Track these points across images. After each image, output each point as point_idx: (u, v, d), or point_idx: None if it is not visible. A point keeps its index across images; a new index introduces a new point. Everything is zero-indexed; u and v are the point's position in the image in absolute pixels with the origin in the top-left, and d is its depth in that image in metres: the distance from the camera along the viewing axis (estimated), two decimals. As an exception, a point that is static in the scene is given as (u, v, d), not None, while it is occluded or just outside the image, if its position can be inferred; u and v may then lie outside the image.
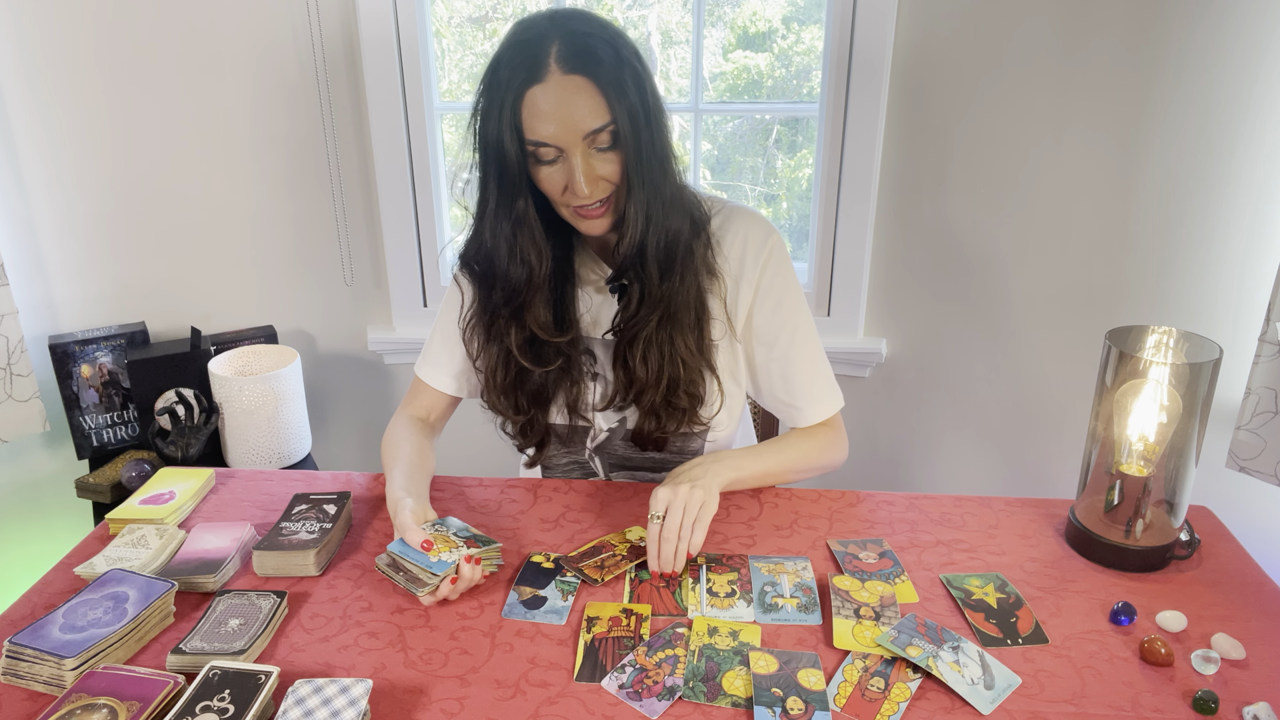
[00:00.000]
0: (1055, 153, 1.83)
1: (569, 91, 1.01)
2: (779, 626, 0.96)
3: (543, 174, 1.07)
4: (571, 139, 1.03)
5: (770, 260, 1.20)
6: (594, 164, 1.05)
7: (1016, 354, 1.99)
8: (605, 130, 1.03)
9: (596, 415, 1.26)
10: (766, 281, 1.21)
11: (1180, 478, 1.04)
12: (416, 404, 1.32)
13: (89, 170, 1.98)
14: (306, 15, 1.88)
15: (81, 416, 2.00)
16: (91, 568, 1.04)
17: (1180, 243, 1.83)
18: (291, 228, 2.06)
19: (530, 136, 1.03)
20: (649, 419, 1.21)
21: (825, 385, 1.26)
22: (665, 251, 1.12)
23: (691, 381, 1.19)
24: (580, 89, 1.01)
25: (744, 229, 1.20)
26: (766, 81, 2.03)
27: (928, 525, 1.16)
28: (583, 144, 1.03)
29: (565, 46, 1.01)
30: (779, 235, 1.21)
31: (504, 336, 1.19)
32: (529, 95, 1.02)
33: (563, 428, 1.27)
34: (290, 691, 0.83)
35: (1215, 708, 0.84)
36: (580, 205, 1.08)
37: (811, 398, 1.25)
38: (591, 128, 1.02)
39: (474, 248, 1.19)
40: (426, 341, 1.33)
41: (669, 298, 1.14)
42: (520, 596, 1.01)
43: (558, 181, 1.07)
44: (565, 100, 1.01)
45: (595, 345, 1.24)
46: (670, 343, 1.16)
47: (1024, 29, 1.76)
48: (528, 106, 1.02)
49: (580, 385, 1.23)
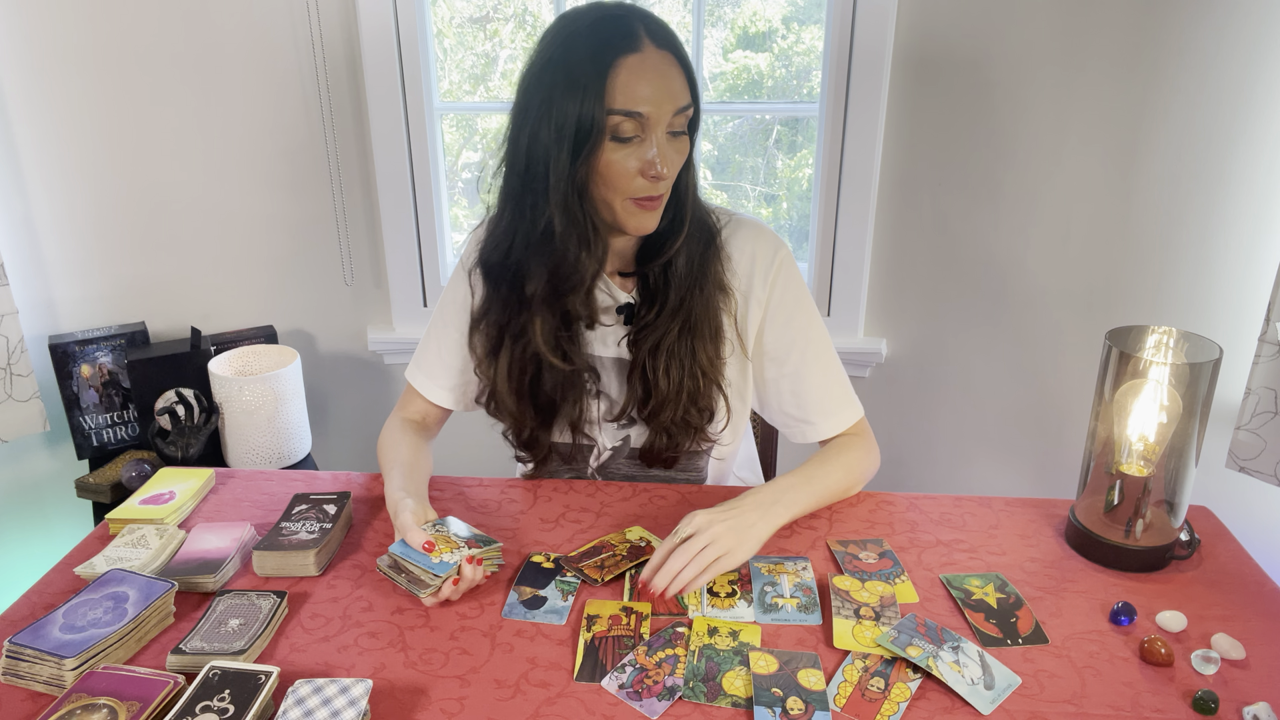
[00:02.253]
0: (1055, 153, 1.83)
1: (665, 64, 1.02)
2: (779, 626, 0.96)
3: (616, 156, 1.02)
4: (664, 111, 1.01)
5: (779, 276, 1.18)
6: (671, 146, 1.04)
7: (1016, 354, 1.99)
8: (686, 112, 1.03)
9: (600, 435, 1.25)
10: (776, 297, 1.19)
11: (1180, 478, 1.04)
12: (410, 409, 1.31)
13: (89, 170, 1.98)
14: (306, 15, 1.88)
15: (81, 416, 2.00)
16: (91, 568, 1.04)
17: (1180, 243, 1.83)
18: (291, 227, 2.06)
19: (620, 105, 0.99)
20: (660, 435, 1.19)
21: (840, 397, 1.23)
22: (686, 257, 1.12)
23: (706, 395, 1.17)
24: (672, 65, 1.02)
25: (751, 243, 1.18)
26: (766, 81, 2.03)
27: (928, 525, 1.16)
28: (670, 122, 1.02)
29: (652, 25, 1.03)
30: (786, 248, 1.20)
31: (528, 331, 1.14)
32: (622, 63, 0.99)
33: (565, 446, 1.26)
34: (290, 691, 0.83)
35: (1215, 708, 0.84)
36: (646, 195, 1.04)
37: (825, 412, 1.22)
38: (682, 104, 1.02)
39: (497, 248, 1.13)
40: (420, 345, 1.30)
41: (689, 306, 1.13)
42: (520, 596, 1.01)
43: (631, 165, 1.03)
44: (662, 72, 1.01)
45: (598, 364, 1.22)
46: (692, 355, 1.15)
47: (1024, 29, 1.76)
48: (620, 74, 0.99)
49: (583, 403, 1.21)
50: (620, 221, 1.08)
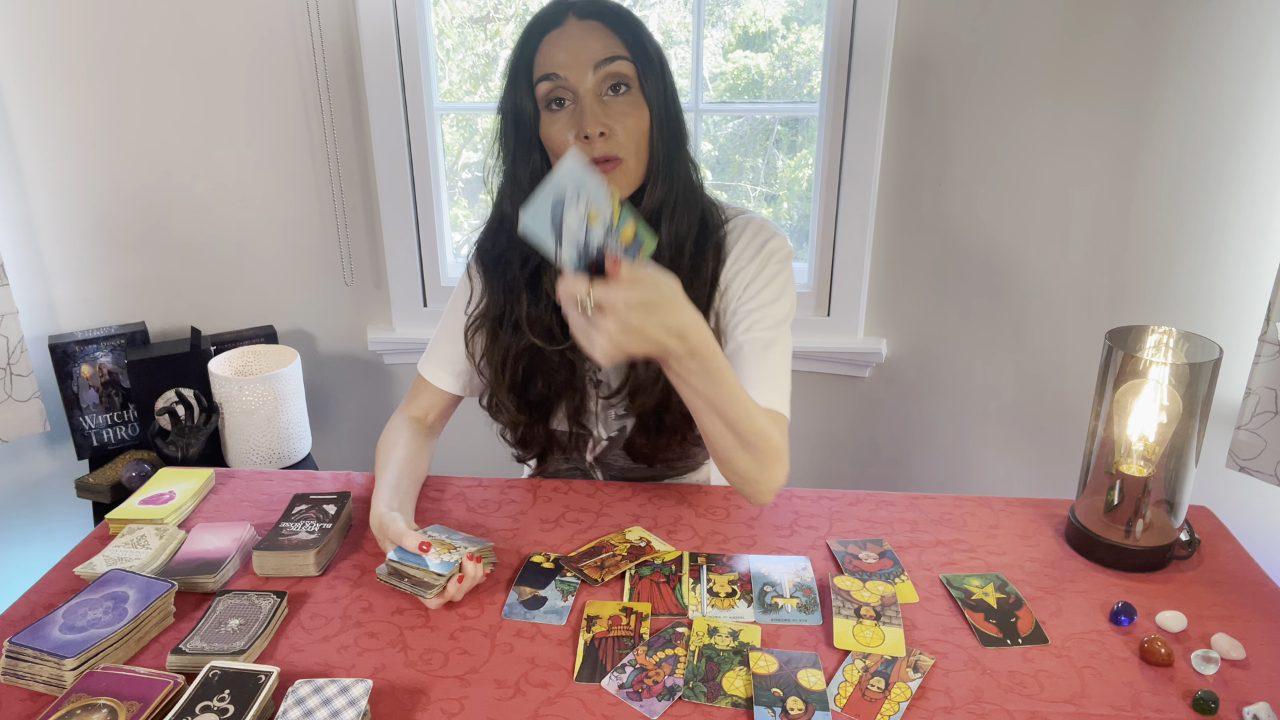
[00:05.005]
0: (1055, 152, 1.83)
1: (586, 30, 1.05)
2: (779, 626, 0.96)
3: (553, 127, 1.06)
4: (582, 68, 1.03)
5: (763, 258, 1.15)
6: (606, 106, 1.05)
7: (1016, 354, 1.99)
8: (612, 64, 1.04)
9: (597, 423, 1.25)
10: (753, 270, 1.14)
11: (1180, 478, 1.04)
12: (415, 404, 1.31)
13: (89, 170, 1.98)
14: (306, 15, 1.88)
15: (81, 416, 2.00)
16: (91, 568, 1.04)
17: (1180, 243, 1.83)
18: (291, 228, 2.06)
19: (540, 72, 1.05)
20: (640, 434, 1.19)
21: (773, 386, 1.10)
22: (675, 239, 1.11)
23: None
24: (595, 28, 1.05)
25: (750, 234, 1.17)
26: (767, 81, 2.03)
27: (928, 525, 1.16)
28: (594, 79, 1.03)
29: (583, 3, 1.06)
30: (784, 242, 1.17)
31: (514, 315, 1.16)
32: (544, 40, 1.05)
33: (564, 435, 1.26)
34: (290, 691, 0.83)
35: (1215, 708, 0.84)
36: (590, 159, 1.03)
37: (749, 386, 1.08)
38: (602, 57, 1.03)
39: (489, 233, 1.19)
40: (432, 339, 1.31)
41: None
42: (520, 596, 1.01)
43: (567, 131, 1.05)
44: (581, 36, 1.04)
45: None
46: None
47: (1024, 28, 1.76)
48: (541, 49, 1.05)
49: (584, 389, 1.22)
50: None
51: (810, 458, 2.17)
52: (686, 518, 1.17)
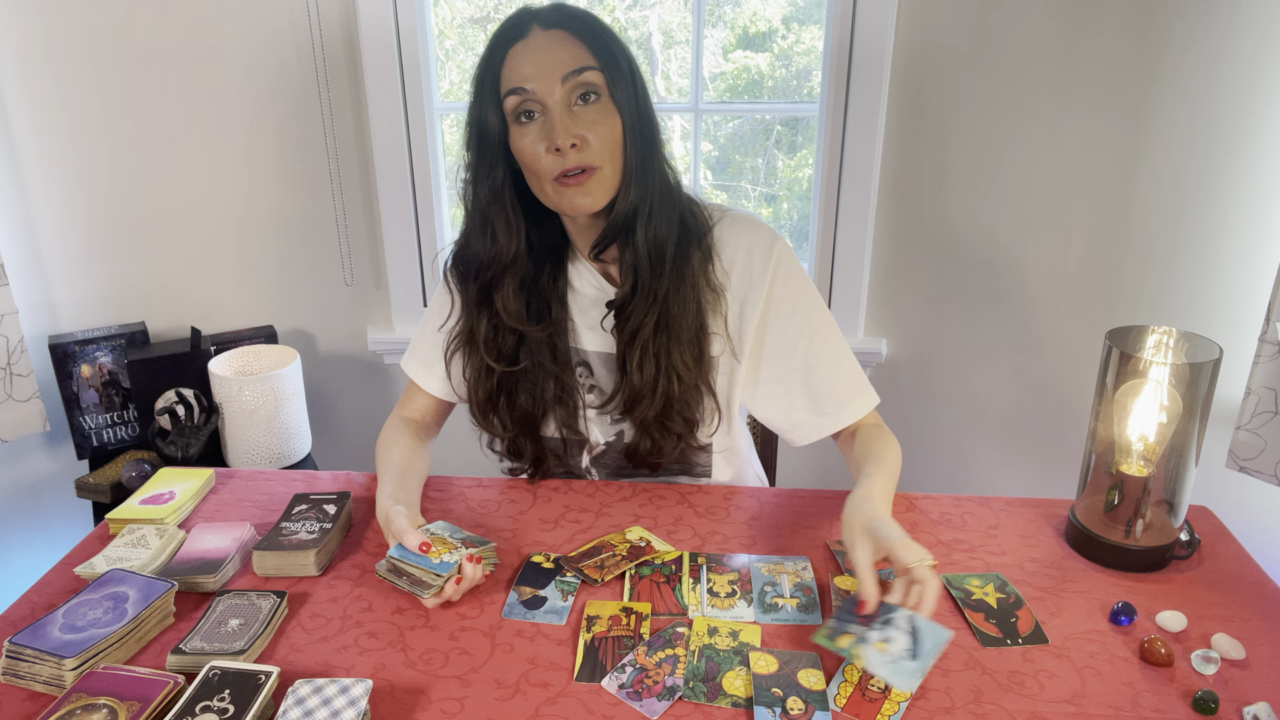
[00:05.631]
0: (1055, 153, 1.83)
1: (552, 40, 1.04)
2: (779, 626, 0.96)
3: (524, 141, 1.05)
4: (549, 81, 1.02)
5: (778, 269, 1.16)
6: (576, 116, 1.04)
7: (1016, 354, 1.99)
8: (581, 75, 1.03)
9: (593, 428, 1.25)
10: (778, 290, 1.16)
11: (1180, 478, 1.04)
12: (410, 406, 1.31)
13: (89, 170, 1.98)
14: (306, 15, 1.88)
15: (81, 416, 2.00)
16: (91, 568, 1.04)
17: (1180, 243, 1.83)
18: (291, 228, 2.06)
19: (507, 86, 1.04)
20: (644, 438, 1.18)
21: (855, 383, 1.20)
22: (654, 242, 1.10)
23: (686, 404, 1.15)
24: (561, 38, 1.04)
25: (745, 240, 1.16)
26: (767, 81, 2.03)
27: (928, 525, 1.16)
28: (563, 90, 1.03)
29: (545, 14, 1.06)
30: (783, 241, 1.17)
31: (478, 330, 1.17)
32: (509, 52, 1.04)
33: (557, 441, 1.25)
34: (290, 691, 0.83)
35: (1215, 708, 0.84)
36: (562, 171, 1.04)
37: (839, 401, 1.19)
38: (571, 68, 1.02)
39: (461, 242, 1.19)
40: (414, 338, 1.30)
41: (665, 302, 1.11)
42: (520, 596, 1.01)
43: (537, 144, 1.04)
44: (547, 47, 1.04)
45: (591, 358, 1.22)
46: (667, 355, 1.13)
47: (1024, 29, 1.76)
48: (507, 63, 1.04)
49: (574, 400, 1.21)
50: (555, 205, 1.09)
51: (810, 458, 2.17)
52: (686, 518, 1.17)
